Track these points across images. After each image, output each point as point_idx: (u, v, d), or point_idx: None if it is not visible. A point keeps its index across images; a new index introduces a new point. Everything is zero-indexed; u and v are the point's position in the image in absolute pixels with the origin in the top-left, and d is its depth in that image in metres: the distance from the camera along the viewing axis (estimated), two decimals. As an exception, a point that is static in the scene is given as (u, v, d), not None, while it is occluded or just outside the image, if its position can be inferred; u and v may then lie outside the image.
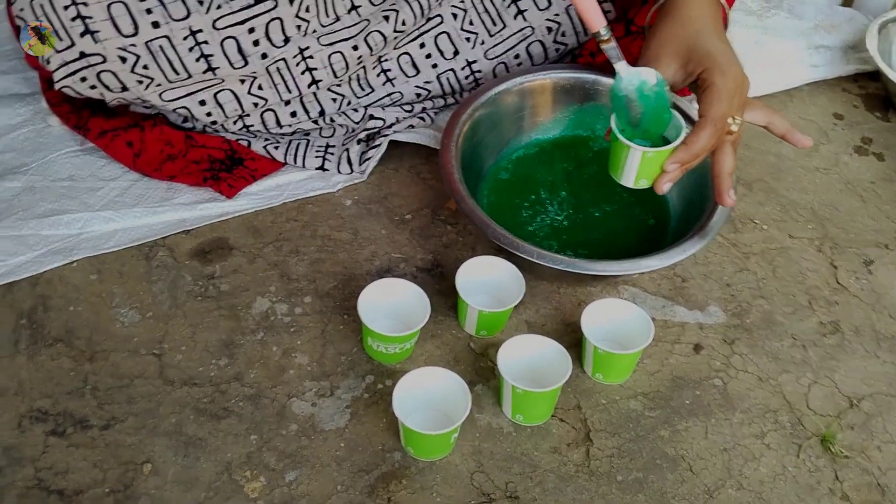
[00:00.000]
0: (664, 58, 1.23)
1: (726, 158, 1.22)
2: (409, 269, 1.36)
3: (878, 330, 1.36)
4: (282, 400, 1.21)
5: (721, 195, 1.23)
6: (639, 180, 1.23)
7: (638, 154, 1.20)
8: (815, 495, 1.18)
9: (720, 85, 1.18)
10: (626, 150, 1.20)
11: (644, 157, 1.20)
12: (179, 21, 1.31)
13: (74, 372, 1.21)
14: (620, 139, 1.20)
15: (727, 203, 1.23)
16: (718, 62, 1.20)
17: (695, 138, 1.18)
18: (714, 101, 1.18)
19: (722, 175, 1.22)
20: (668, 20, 1.25)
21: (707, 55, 1.21)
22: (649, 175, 1.22)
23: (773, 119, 1.27)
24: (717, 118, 1.18)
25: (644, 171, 1.22)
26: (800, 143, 1.27)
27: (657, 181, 1.22)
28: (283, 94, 1.41)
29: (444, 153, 1.32)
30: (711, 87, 1.19)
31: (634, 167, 1.21)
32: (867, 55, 1.76)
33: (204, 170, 1.42)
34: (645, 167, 1.21)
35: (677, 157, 1.19)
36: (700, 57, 1.21)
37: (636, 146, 1.19)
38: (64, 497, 1.10)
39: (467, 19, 1.48)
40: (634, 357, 1.24)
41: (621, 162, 1.22)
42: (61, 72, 1.32)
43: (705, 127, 1.18)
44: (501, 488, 1.15)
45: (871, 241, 1.47)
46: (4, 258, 1.31)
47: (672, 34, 1.24)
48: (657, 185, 1.22)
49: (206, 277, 1.32)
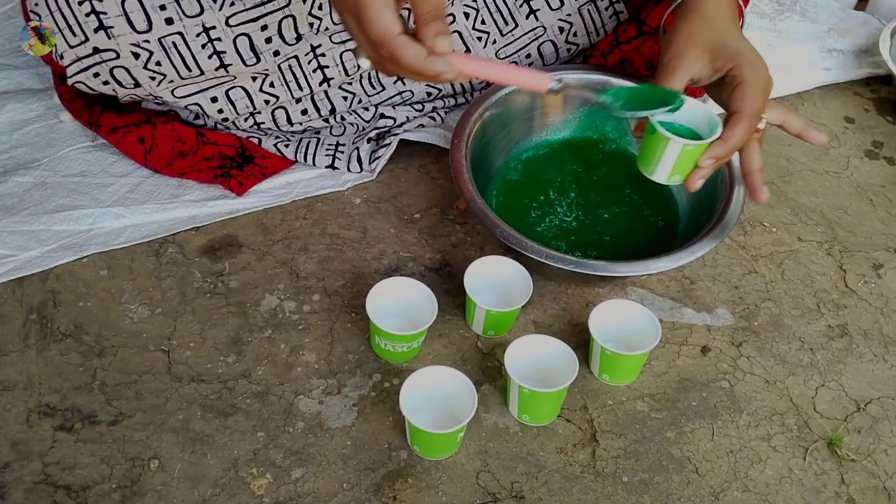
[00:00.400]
0: (691, 52, 1.22)
1: (754, 156, 1.22)
2: (418, 268, 1.36)
3: (886, 334, 1.35)
4: (289, 397, 1.21)
5: (755, 192, 1.23)
6: (672, 176, 1.21)
7: (677, 147, 1.17)
8: (821, 498, 1.18)
9: (753, 81, 1.18)
10: (665, 142, 1.17)
11: (683, 150, 1.17)
12: (192, 18, 1.31)
13: (83, 367, 1.22)
14: (661, 131, 1.16)
15: (761, 199, 1.23)
16: (748, 58, 1.20)
17: (730, 133, 1.17)
18: (748, 97, 1.18)
19: (753, 172, 1.22)
20: (690, 18, 1.24)
21: (737, 52, 1.20)
22: (683, 171, 1.20)
23: (789, 118, 1.27)
24: (752, 113, 1.18)
25: (679, 167, 1.20)
26: (815, 140, 1.27)
27: (690, 177, 1.20)
28: (294, 92, 1.41)
29: (453, 153, 1.32)
30: (744, 84, 1.18)
31: (671, 162, 1.19)
32: (880, 59, 1.76)
33: (214, 167, 1.43)
34: (681, 162, 1.19)
35: (713, 153, 1.18)
36: (730, 53, 1.20)
37: (677, 139, 1.16)
38: (71, 492, 1.10)
39: (479, 18, 1.48)
40: (641, 358, 1.24)
41: (656, 156, 1.20)
42: (74, 67, 1.32)
43: (741, 122, 1.17)
44: (507, 488, 1.15)
45: (881, 245, 1.47)
46: (15, 253, 1.32)
47: (696, 31, 1.23)
48: (690, 181, 1.20)
49: (215, 274, 1.33)
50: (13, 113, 1.49)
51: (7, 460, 1.13)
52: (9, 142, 1.46)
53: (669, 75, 1.21)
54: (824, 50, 1.81)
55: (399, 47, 0.99)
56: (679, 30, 1.25)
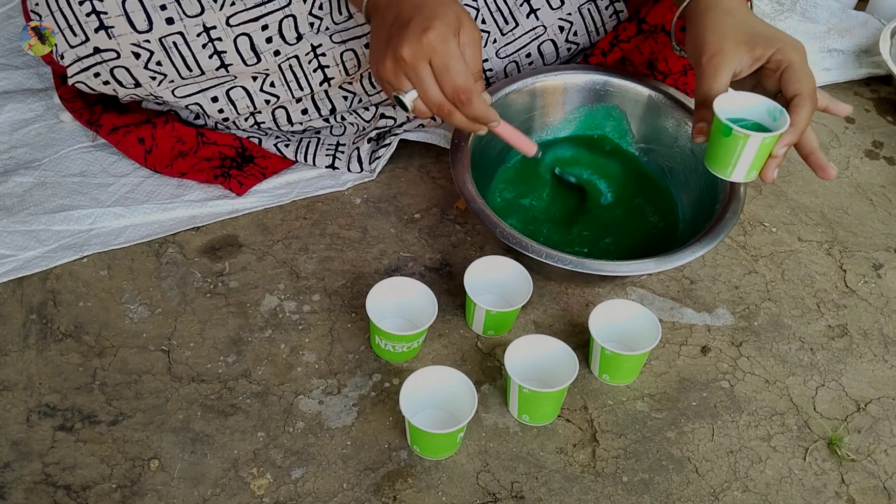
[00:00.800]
0: (728, 46, 1.19)
1: (811, 135, 1.20)
2: (418, 268, 1.36)
3: (886, 334, 1.35)
4: (289, 397, 1.21)
5: (824, 168, 1.20)
6: (751, 171, 1.18)
7: (757, 142, 1.14)
8: (821, 498, 1.18)
9: (799, 62, 1.17)
10: (744, 140, 1.14)
11: (762, 144, 1.14)
12: (193, 17, 1.31)
13: (83, 367, 1.22)
14: (737, 130, 1.13)
15: (831, 174, 1.20)
16: (787, 42, 1.18)
17: (798, 118, 1.15)
18: (803, 78, 1.16)
19: (816, 151, 1.20)
20: (713, 14, 1.22)
21: (774, 37, 1.19)
22: (759, 164, 1.18)
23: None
24: (812, 93, 1.16)
25: (758, 161, 1.17)
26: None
27: (766, 168, 1.18)
28: (294, 92, 1.41)
29: (454, 152, 1.32)
30: (793, 66, 1.17)
31: (750, 158, 1.16)
32: (880, 59, 1.76)
33: (215, 167, 1.43)
34: (759, 156, 1.16)
35: (787, 140, 1.15)
36: (767, 39, 1.19)
37: (756, 134, 1.13)
38: (71, 492, 1.10)
39: (479, 17, 1.48)
40: (641, 358, 1.24)
41: (734, 156, 1.17)
42: (75, 67, 1.32)
43: (804, 104, 1.16)
44: (507, 488, 1.15)
45: (881, 245, 1.47)
46: (15, 253, 1.32)
47: (725, 24, 1.21)
48: (767, 173, 1.18)
49: (215, 274, 1.33)
50: (13, 113, 1.49)
51: (7, 460, 1.13)
52: (9, 142, 1.46)
53: (714, 74, 1.19)
54: (824, 50, 1.81)
55: (476, 94, 1.16)
56: (706, 27, 1.22)
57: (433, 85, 1.15)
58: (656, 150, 1.44)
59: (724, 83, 1.19)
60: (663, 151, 1.44)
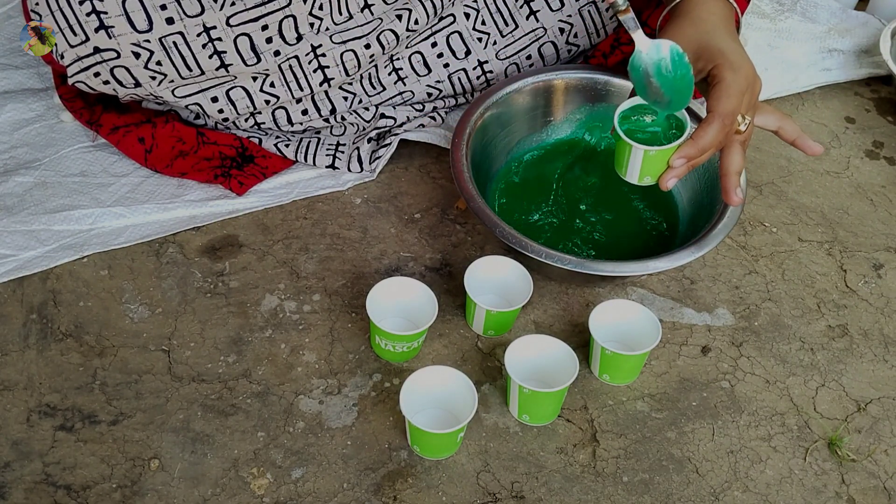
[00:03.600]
0: None
1: (734, 157, 1.20)
2: (418, 268, 1.36)
3: (887, 334, 1.35)
4: (289, 397, 1.21)
5: (728, 193, 1.21)
6: (643, 177, 1.21)
7: (640, 153, 1.18)
8: (822, 498, 1.18)
9: (730, 81, 1.16)
10: (629, 148, 1.18)
11: (646, 155, 1.18)
12: (193, 17, 1.31)
13: (83, 367, 1.22)
14: (623, 138, 1.18)
15: (734, 202, 1.21)
16: (730, 59, 1.18)
17: (702, 133, 1.16)
18: (723, 97, 1.16)
19: (729, 174, 1.21)
20: (681, 19, 1.24)
21: (719, 52, 1.19)
22: (654, 172, 1.20)
23: (784, 124, 1.25)
24: (726, 113, 1.16)
25: (648, 169, 1.20)
26: (810, 149, 1.25)
27: (662, 177, 1.20)
28: (294, 92, 1.41)
29: (454, 152, 1.32)
30: (721, 83, 1.17)
31: (638, 165, 1.20)
32: (880, 59, 1.76)
33: (215, 167, 1.43)
34: (648, 165, 1.19)
35: (684, 153, 1.17)
36: (712, 54, 1.19)
37: (638, 146, 1.17)
38: (71, 492, 1.10)
39: (479, 19, 1.48)
40: (642, 358, 1.24)
41: (625, 159, 1.20)
42: (75, 67, 1.32)
43: (713, 122, 1.16)
44: (507, 488, 1.15)
45: (881, 245, 1.47)
46: (15, 253, 1.32)
47: (683, 32, 1.22)
48: (662, 182, 1.20)
49: (215, 274, 1.33)
50: (14, 113, 1.49)
51: (7, 460, 1.13)
52: (9, 141, 1.46)
53: None
54: (825, 50, 1.80)
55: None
56: (666, 32, 1.24)
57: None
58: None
59: None
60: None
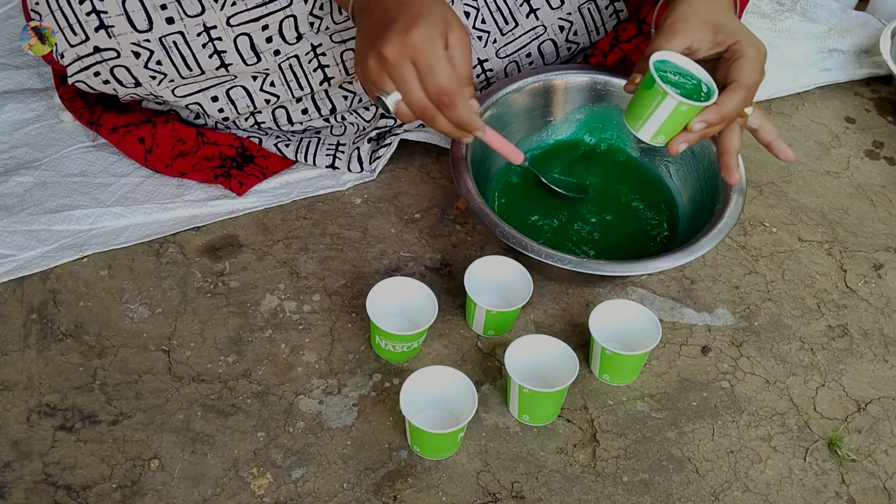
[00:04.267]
0: (694, 20, 1.19)
1: (734, 137, 1.21)
2: (418, 268, 1.36)
3: (887, 334, 1.35)
4: (289, 397, 1.21)
5: (730, 170, 1.21)
6: (658, 135, 1.18)
7: (672, 104, 1.14)
8: (822, 498, 1.18)
9: (753, 56, 1.17)
10: (662, 97, 1.13)
11: (677, 109, 1.14)
12: (193, 17, 1.31)
13: (83, 367, 1.22)
14: (659, 84, 1.13)
15: (734, 178, 1.22)
16: (750, 38, 1.19)
17: (726, 100, 1.15)
18: (748, 68, 1.16)
19: (730, 152, 1.21)
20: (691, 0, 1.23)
21: (739, 30, 1.19)
22: (670, 132, 1.17)
23: (765, 123, 1.25)
24: (751, 84, 1.17)
25: (668, 126, 1.16)
26: (783, 153, 1.25)
27: (674, 140, 1.18)
28: (294, 92, 1.41)
29: (454, 152, 1.32)
30: (745, 57, 1.17)
31: (661, 118, 1.16)
32: (880, 59, 1.76)
33: (215, 167, 1.43)
34: (672, 121, 1.16)
35: (705, 117, 1.15)
36: (732, 30, 1.19)
37: (674, 95, 1.12)
38: (71, 492, 1.10)
39: (479, 17, 1.48)
40: (642, 358, 1.24)
41: (647, 111, 1.16)
42: (75, 66, 1.32)
43: (739, 90, 1.16)
44: (507, 488, 1.15)
45: (881, 245, 1.47)
46: (16, 253, 1.32)
47: (700, 6, 1.21)
48: (673, 144, 1.18)
49: (215, 274, 1.33)
50: (14, 113, 1.49)
51: (7, 460, 1.13)
52: (9, 141, 1.46)
53: (670, 35, 1.18)
54: (825, 50, 1.81)
55: (461, 99, 1.10)
56: (676, 10, 1.22)
57: (416, 86, 1.10)
58: (656, 150, 1.44)
59: (677, 48, 1.18)
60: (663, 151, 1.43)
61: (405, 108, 1.13)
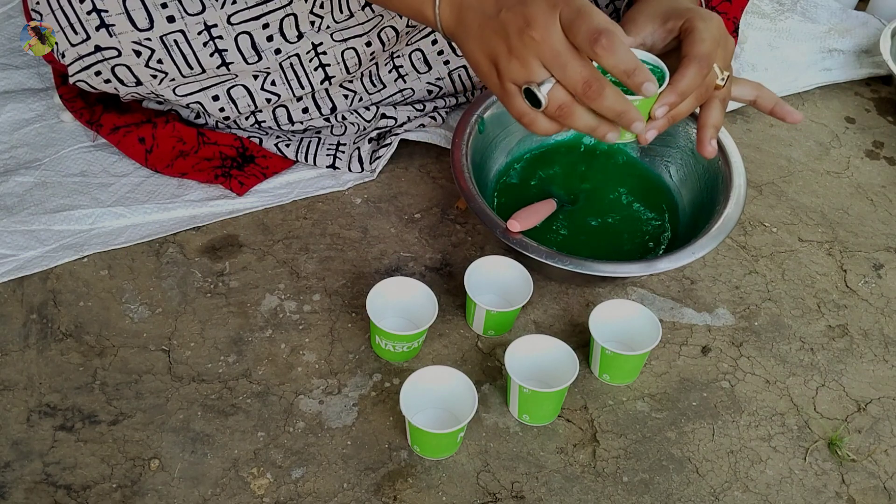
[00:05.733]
0: (640, 18, 1.18)
1: (713, 112, 1.17)
2: (418, 267, 1.36)
3: (887, 334, 1.35)
4: (289, 397, 1.21)
5: (703, 143, 1.17)
6: (625, 133, 1.12)
7: None
8: (822, 498, 1.18)
9: (702, 28, 1.12)
10: None
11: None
12: (194, 16, 1.31)
13: (83, 367, 1.22)
14: None
15: (707, 152, 1.17)
16: (699, 13, 1.14)
17: (679, 77, 1.10)
18: (696, 41, 1.11)
19: (707, 126, 1.17)
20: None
21: (687, 10, 1.15)
22: None
23: (761, 92, 1.23)
24: (701, 56, 1.10)
25: None
26: (790, 116, 1.23)
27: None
28: (295, 90, 1.41)
29: (454, 152, 1.32)
30: (694, 31, 1.12)
31: None
32: (880, 59, 1.76)
33: (215, 167, 1.43)
34: None
35: (664, 100, 1.09)
36: (680, 12, 1.15)
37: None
38: (71, 492, 1.10)
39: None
40: (642, 358, 1.24)
41: None
42: (76, 65, 1.32)
43: (689, 65, 1.10)
44: (507, 488, 1.15)
45: (881, 245, 1.47)
46: (16, 253, 1.32)
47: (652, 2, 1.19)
48: (642, 136, 1.11)
49: (215, 274, 1.33)
50: (14, 112, 1.49)
51: (7, 460, 1.13)
52: (9, 141, 1.46)
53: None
54: (825, 50, 1.81)
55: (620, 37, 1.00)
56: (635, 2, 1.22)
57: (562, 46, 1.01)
58: (656, 151, 1.44)
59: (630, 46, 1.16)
60: (663, 152, 1.44)
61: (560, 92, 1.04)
